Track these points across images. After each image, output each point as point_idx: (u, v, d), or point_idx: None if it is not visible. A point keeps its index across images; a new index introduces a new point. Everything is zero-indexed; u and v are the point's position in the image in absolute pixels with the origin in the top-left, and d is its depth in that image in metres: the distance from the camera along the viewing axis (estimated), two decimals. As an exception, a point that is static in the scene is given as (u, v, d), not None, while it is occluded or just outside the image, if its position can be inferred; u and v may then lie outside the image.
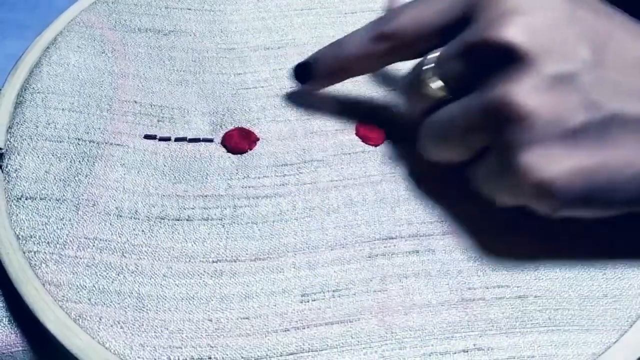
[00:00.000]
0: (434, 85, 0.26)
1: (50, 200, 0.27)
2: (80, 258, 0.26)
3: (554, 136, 0.23)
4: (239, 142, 0.30)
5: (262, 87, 0.33)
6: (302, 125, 0.32)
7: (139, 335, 0.24)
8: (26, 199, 0.27)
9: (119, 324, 0.25)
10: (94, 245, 0.27)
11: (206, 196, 0.29)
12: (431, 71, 0.26)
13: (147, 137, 0.30)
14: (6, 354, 0.26)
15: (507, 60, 0.23)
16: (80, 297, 0.25)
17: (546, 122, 0.23)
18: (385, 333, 0.25)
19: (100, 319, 0.25)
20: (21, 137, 0.29)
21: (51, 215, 0.27)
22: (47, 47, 0.33)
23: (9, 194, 0.28)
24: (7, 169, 0.28)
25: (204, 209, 0.28)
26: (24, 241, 0.26)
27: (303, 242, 0.28)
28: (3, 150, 0.29)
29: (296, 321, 0.25)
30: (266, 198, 0.29)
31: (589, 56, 0.23)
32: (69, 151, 0.29)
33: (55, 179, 0.28)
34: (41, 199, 0.27)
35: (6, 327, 0.26)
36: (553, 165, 0.23)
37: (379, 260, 0.27)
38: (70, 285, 0.25)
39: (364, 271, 0.27)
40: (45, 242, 0.26)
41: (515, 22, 0.23)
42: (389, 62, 0.29)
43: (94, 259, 0.26)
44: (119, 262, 0.26)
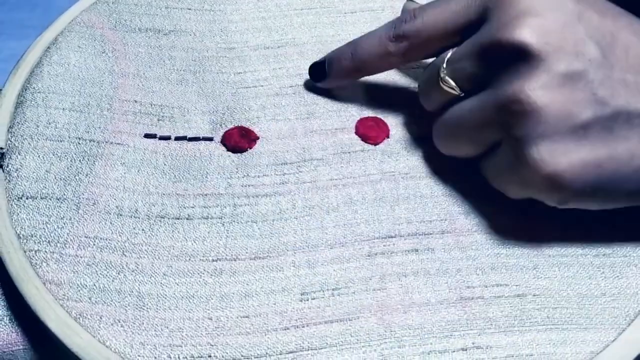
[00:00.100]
0: (448, 84, 0.27)
1: (50, 200, 0.28)
2: (81, 257, 0.26)
3: (563, 131, 0.24)
4: (238, 141, 0.31)
5: (262, 86, 0.33)
6: (302, 124, 0.32)
7: (139, 334, 0.25)
8: (27, 198, 0.28)
9: (119, 322, 0.25)
10: (94, 244, 0.27)
11: (206, 195, 0.29)
12: (446, 70, 0.27)
13: (147, 136, 0.31)
14: (7, 352, 0.26)
15: (519, 59, 0.25)
16: (80, 296, 0.25)
17: (556, 117, 0.24)
18: (384, 331, 0.25)
19: (100, 317, 0.25)
20: (22, 136, 0.29)
21: (52, 215, 0.27)
22: (48, 47, 0.33)
23: (10, 193, 0.28)
24: (8, 169, 0.28)
25: (204, 207, 0.28)
26: (25, 240, 0.26)
27: (303, 241, 0.28)
28: (4, 150, 0.29)
29: (296, 320, 0.25)
30: (266, 197, 0.29)
31: (596, 55, 0.25)
32: (69, 150, 0.29)
33: (55, 178, 0.28)
34: (42, 198, 0.28)
35: (7, 326, 0.26)
36: (562, 158, 0.24)
37: (378, 259, 0.27)
38: (70, 284, 0.25)
39: (363, 270, 0.27)
40: (46, 241, 0.26)
41: (528, 24, 0.25)
42: (404, 62, 0.30)
43: (94, 257, 0.26)
44: (120, 261, 0.26)
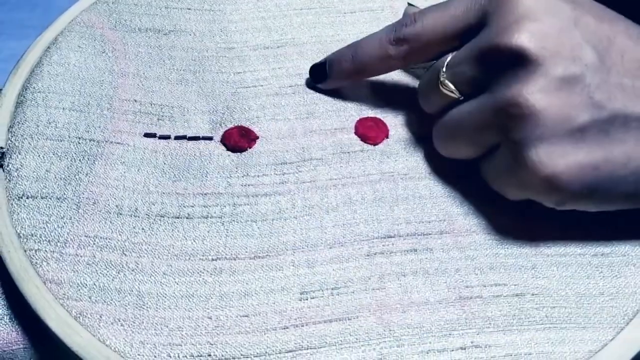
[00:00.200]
0: (448, 87, 0.28)
1: (51, 199, 0.28)
2: (81, 256, 0.26)
3: (561, 134, 0.25)
4: (238, 141, 0.31)
5: (261, 85, 0.33)
6: (302, 124, 0.32)
7: (139, 333, 0.25)
8: (27, 198, 0.28)
9: (119, 321, 0.25)
10: (94, 244, 0.27)
11: (206, 194, 0.29)
12: (445, 74, 0.28)
13: (147, 135, 0.31)
14: (7, 351, 0.26)
15: (517, 64, 0.25)
16: (80, 295, 0.25)
17: (554, 120, 0.24)
18: (383, 331, 0.25)
19: (100, 316, 0.25)
20: (22, 136, 0.29)
21: (52, 214, 0.27)
22: (48, 47, 0.33)
23: (10, 193, 0.28)
24: (8, 168, 0.28)
25: (204, 207, 0.28)
26: (25, 239, 0.26)
27: (302, 241, 0.28)
28: (4, 149, 0.29)
29: (295, 319, 0.25)
30: (265, 196, 0.29)
31: (593, 59, 0.25)
32: (69, 150, 0.29)
33: (56, 177, 0.28)
34: (42, 197, 0.28)
35: (7, 325, 0.26)
36: (560, 161, 0.25)
37: (377, 259, 0.27)
38: (70, 283, 0.25)
39: (362, 269, 0.27)
40: (46, 240, 0.26)
41: (526, 29, 0.25)
42: (405, 65, 0.31)
43: (94, 257, 0.26)
44: (119, 260, 0.26)
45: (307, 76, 0.33)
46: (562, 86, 0.24)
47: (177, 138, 0.31)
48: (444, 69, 0.28)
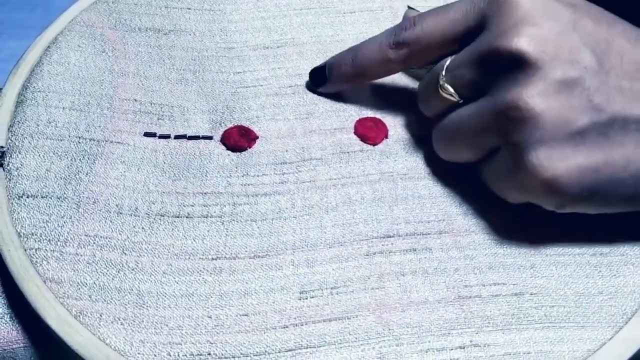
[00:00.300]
0: (447, 91, 0.28)
1: (51, 198, 0.28)
2: (81, 255, 0.26)
3: (560, 137, 0.25)
4: (238, 140, 0.31)
5: (261, 85, 0.33)
6: (301, 124, 0.32)
7: (139, 332, 0.25)
8: (27, 197, 0.28)
9: (119, 320, 0.25)
10: (94, 243, 0.27)
11: (206, 193, 0.29)
12: (445, 77, 0.28)
13: (147, 134, 0.31)
14: (7, 350, 0.26)
15: (517, 67, 0.25)
16: (81, 294, 0.25)
17: (553, 123, 0.25)
18: (382, 330, 0.25)
19: (100, 315, 0.25)
20: (22, 135, 0.29)
21: (52, 213, 0.27)
22: (48, 46, 0.33)
23: (11, 192, 0.28)
24: (8, 167, 0.28)
25: (204, 206, 0.29)
26: (25, 239, 0.26)
27: (302, 240, 0.28)
28: (4, 149, 0.29)
29: (294, 318, 0.25)
30: (265, 196, 0.29)
31: (592, 62, 0.25)
32: (69, 149, 0.29)
33: (56, 177, 0.28)
34: (42, 197, 0.28)
35: (7, 324, 0.26)
36: (560, 164, 0.25)
37: (376, 258, 0.27)
38: (71, 282, 0.26)
39: (361, 269, 0.27)
40: (46, 239, 0.26)
41: (525, 33, 0.25)
42: (404, 68, 0.31)
43: (94, 256, 0.26)
44: (120, 259, 0.26)
45: (307, 77, 0.33)
46: (562, 89, 0.25)
47: (177, 137, 0.31)
48: (443, 73, 0.28)
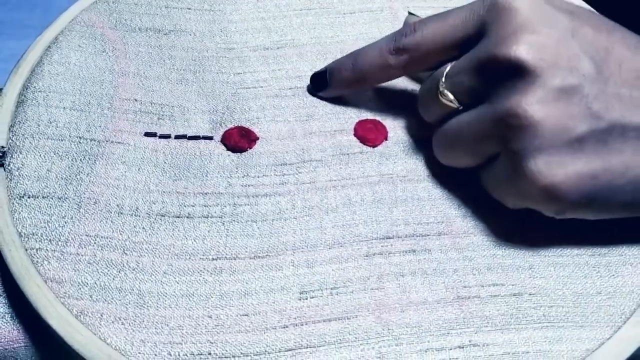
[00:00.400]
0: (447, 97, 0.28)
1: (52, 199, 0.28)
2: (82, 255, 0.26)
3: (559, 144, 0.25)
4: (238, 141, 0.31)
5: (261, 87, 0.33)
6: (301, 126, 0.32)
7: (139, 332, 0.25)
8: (28, 197, 0.28)
9: (120, 320, 0.25)
10: (95, 243, 0.27)
11: (206, 194, 0.29)
12: (444, 84, 0.28)
13: (147, 134, 0.31)
14: (8, 349, 0.26)
15: (516, 75, 0.25)
16: (81, 294, 0.25)
17: (552, 131, 0.25)
18: (382, 330, 0.25)
19: (101, 315, 0.25)
20: (23, 135, 0.30)
21: (53, 213, 0.27)
22: (49, 46, 0.33)
23: (12, 192, 0.28)
24: (9, 167, 0.29)
25: (204, 206, 0.29)
26: (26, 239, 0.27)
27: (302, 241, 0.28)
28: (5, 149, 0.29)
29: (294, 318, 0.26)
30: (266, 197, 0.29)
31: (590, 70, 0.25)
32: (70, 149, 0.29)
33: (57, 177, 0.28)
34: (43, 197, 0.28)
35: (8, 323, 0.26)
36: (559, 171, 0.25)
37: (376, 259, 0.28)
38: (71, 282, 0.26)
39: (361, 269, 0.27)
40: (47, 239, 0.27)
41: (524, 40, 0.25)
42: (404, 74, 0.31)
43: (95, 256, 0.26)
44: (120, 259, 0.27)
45: (307, 79, 0.34)
46: (560, 97, 0.25)
47: (177, 137, 0.31)
48: (443, 79, 0.28)
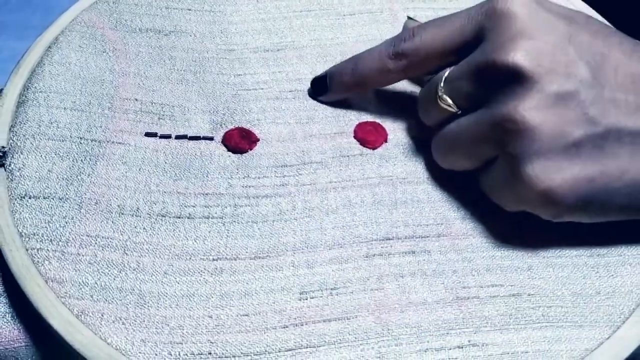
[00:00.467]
0: (446, 101, 0.28)
1: (53, 199, 0.28)
2: (83, 255, 0.26)
3: (556, 149, 0.25)
4: (239, 142, 0.31)
5: (261, 89, 0.33)
6: (302, 128, 0.32)
7: (140, 331, 0.25)
8: (29, 198, 0.28)
9: (120, 320, 0.25)
10: (96, 243, 0.27)
11: (207, 194, 0.29)
12: (443, 88, 0.28)
13: (147, 134, 0.31)
14: (9, 349, 0.26)
15: (513, 80, 0.25)
16: (82, 294, 0.25)
17: (549, 136, 0.25)
18: (381, 330, 0.26)
19: (102, 315, 0.25)
20: (24, 136, 0.30)
21: (54, 214, 0.27)
22: (49, 46, 0.33)
23: (13, 193, 0.28)
24: (10, 168, 0.29)
25: (205, 207, 0.29)
26: (27, 239, 0.27)
27: (302, 242, 0.28)
28: (6, 149, 0.29)
29: (295, 318, 0.26)
30: (266, 198, 0.29)
31: (587, 75, 0.25)
32: (71, 150, 0.30)
33: (58, 177, 0.29)
34: (44, 197, 0.28)
35: (9, 323, 0.26)
36: (556, 175, 0.25)
37: (376, 260, 0.28)
38: (72, 282, 0.26)
39: (361, 270, 0.27)
40: (48, 239, 0.27)
41: (521, 46, 0.25)
42: (404, 78, 0.31)
43: (96, 256, 0.26)
44: (121, 259, 0.27)
45: (307, 82, 0.34)
46: (557, 102, 0.25)
47: (177, 137, 0.31)
48: (441, 84, 0.28)
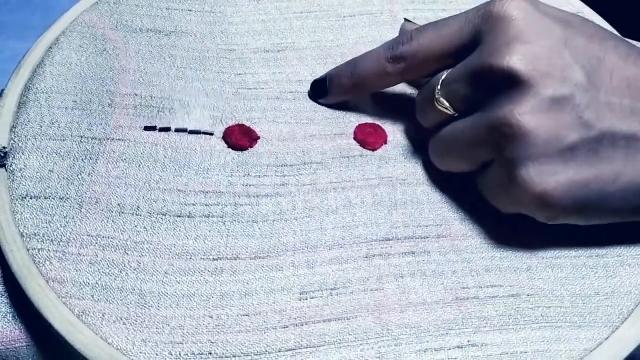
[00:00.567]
0: (443, 104, 0.28)
1: (54, 199, 0.28)
2: (83, 255, 0.26)
3: (551, 152, 0.25)
4: (239, 139, 0.31)
5: (262, 88, 0.33)
6: (302, 128, 0.32)
7: (141, 331, 0.25)
8: (30, 198, 0.28)
9: (121, 320, 0.25)
10: (96, 243, 0.27)
11: (207, 192, 0.29)
12: (440, 91, 0.28)
13: (146, 128, 0.31)
14: (10, 349, 0.26)
15: (509, 84, 0.25)
16: (83, 294, 0.25)
17: (544, 140, 0.25)
18: (381, 330, 0.26)
19: (103, 315, 0.25)
20: (25, 136, 0.30)
21: (55, 214, 0.27)
22: (50, 47, 0.33)
23: (13, 193, 0.28)
24: (11, 168, 0.29)
25: (205, 205, 0.29)
26: (28, 239, 0.27)
27: (302, 242, 0.28)
28: (7, 149, 0.29)
29: (295, 318, 0.26)
30: (266, 197, 0.29)
31: (582, 79, 0.25)
32: (72, 149, 0.30)
33: (58, 177, 0.29)
34: (45, 197, 0.28)
35: (10, 323, 0.26)
36: (550, 179, 0.25)
37: (375, 260, 0.28)
38: (73, 282, 0.26)
39: (361, 270, 0.27)
40: (49, 239, 0.27)
41: (517, 50, 0.25)
42: (402, 80, 0.32)
43: (96, 256, 0.27)
44: (121, 259, 0.27)
45: (307, 84, 0.34)
46: (552, 106, 0.25)
47: (177, 130, 0.31)
48: (438, 86, 0.28)
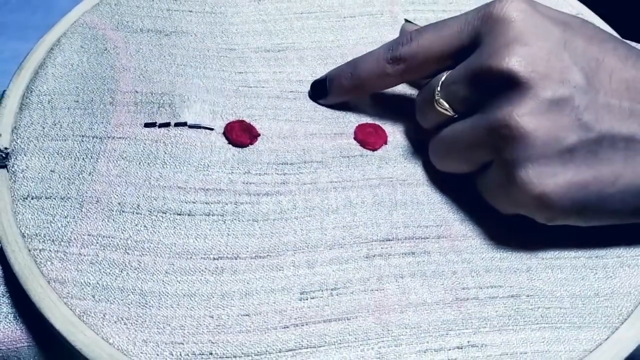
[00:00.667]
0: (442, 105, 0.28)
1: (55, 199, 0.28)
2: (84, 255, 0.27)
3: (550, 154, 0.25)
4: (240, 135, 0.31)
5: (263, 87, 0.34)
6: (302, 127, 0.32)
7: (141, 331, 0.25)
8: (32, 199, 0.28)
9: (122, 320, 0.25)
10: (97, 242, 0.27)
11: (207, 190, 0.29)
12: (440, 92, 0.28)
13: (147, 125, 0.31)
14: (12, 349, 0.26)
15: (508, 86, 0.26)
16: (84, 294, 0.26)
17: (543, 141, 0.25)
18: (381, 330, 0.26)
19: (104, 315, 0.25)
20: (28, 138, 0.30)
21: (56, 214, 0.27)
22: (51, 48, 0.33)
23: (15, 194, 0.28)
24: (13, 169, 0.29)
25: (206, 203, 0.29)
26: (30, 239, 0.27)
27: (303, 241, 0.28)
28: (9, 150, 0.29)
29: (295, 318, 0.26)
30: (267, 195, 0.29)
31: (581, 81, 0.26)
32: (73, 149, 0.30)
33: (60, 177, 0.29)
34: (46, 197, 0.28)
35: (12, 323, 0.26)
36: (549, 180, 0.25)
37: (376, 261, 0.28)
38: (74, 283, 0.26)
39: (361, 271, 0.27)
40: (50, 240, 0.27)
41: (516, 52, 0.25)
42: (402, 82, 0.32)
43: (97, 256, 0.27)
44: (122, 258, 0.27)
45: (307, 84, 0.34)
46: (551, 108, 0.25)
47: (177, 125, 0.31)
48: (438, 88, 0.28)
